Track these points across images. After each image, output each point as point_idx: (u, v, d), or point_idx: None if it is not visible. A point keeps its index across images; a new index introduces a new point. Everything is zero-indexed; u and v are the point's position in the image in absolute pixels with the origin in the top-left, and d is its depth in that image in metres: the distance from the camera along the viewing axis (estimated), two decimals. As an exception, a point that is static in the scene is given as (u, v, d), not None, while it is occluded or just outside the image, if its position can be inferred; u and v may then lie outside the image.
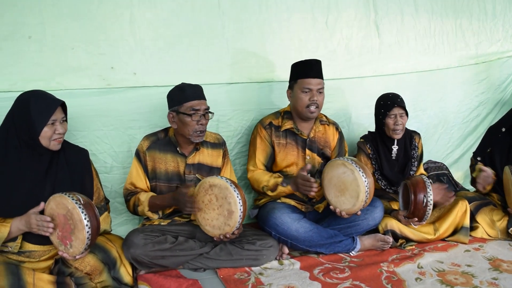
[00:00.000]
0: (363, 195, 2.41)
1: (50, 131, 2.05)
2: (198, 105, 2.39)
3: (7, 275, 1.90)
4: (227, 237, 2.29)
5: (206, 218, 2.31)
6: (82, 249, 1.97)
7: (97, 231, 2.00)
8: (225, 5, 2.93)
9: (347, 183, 2.45)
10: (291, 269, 2.45)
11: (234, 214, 2.22)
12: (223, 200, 2.24)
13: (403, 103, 2.90)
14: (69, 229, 1.97)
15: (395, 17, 3.57)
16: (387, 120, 2.89)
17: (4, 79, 2.46)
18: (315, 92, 2.68)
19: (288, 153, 2.78)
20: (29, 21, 2.48)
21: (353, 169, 2.42)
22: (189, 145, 2.52)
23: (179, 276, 2.31)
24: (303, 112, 2.73)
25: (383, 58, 3.54)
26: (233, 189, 2.22)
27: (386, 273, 2.40)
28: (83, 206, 1.94)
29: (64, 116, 2.13)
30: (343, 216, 2.51)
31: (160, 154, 2.49)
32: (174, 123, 2.44)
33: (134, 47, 2.71)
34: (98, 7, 2.60)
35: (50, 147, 2.08)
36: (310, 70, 2.69)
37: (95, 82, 2.64)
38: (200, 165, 2.55)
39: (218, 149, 2.63)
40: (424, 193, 2.63)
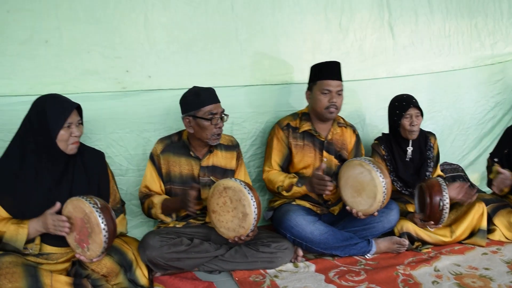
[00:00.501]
0: (381, 196, 2.38)
1: (66, 134, 2.06)
2: (215, 108, 2.40)
3: (26, 276, 1.92)
4: (242, 239, 2.29)
5: (221, 220, 2.32)
6: (99, 252, 1.99)
7: (114, 234, 2.02)
8: (238, 8, 2.94)
9: (364, 183, 2.43)
10: (306, 271, 2.44)
11: (249, 216, 2.22)
12: (237, 203, 2.24)
13: (418, 104, 2.88)
14: (86, 233, 1.99)
15: (409, 18, 3.55)
16: (403, 121, 2.86)
17: (22, 83, 2.49)
18: (335, 93, 2.67)
19: (305, 155, 2.77)
20: (46, 26, 2.52)
21: (370, 169, 2.39)
22: (203, 148, 2.53)
23: (195, 279, 2.32)
24: (322, 114, 2.72)
25: (397, 59, 3.52)
26: (247, 192, 2.22)
27: (402, 276, 2.37)
28: (100, 210, 1.95)
29: (79, 119, 2.15)
30: (359, 217, 2.49)
31: (174, 157, 2.50)
32: (191, 128, 2.44)
33: (149, 50, 2.73)
34: (114, 11, 2.63)
35: (67, 151, 2.10)
36: (330, 72, 2.69)
37: (111, 85, 2.66)
38: (214, 167, 2.56)
39: (232, 151, 2.64)
40: (440, 196, 2.59)
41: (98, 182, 2.25)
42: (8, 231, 2.00)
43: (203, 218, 2.55)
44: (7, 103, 2.47)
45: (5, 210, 2.05)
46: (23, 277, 1.92)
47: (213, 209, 2.33)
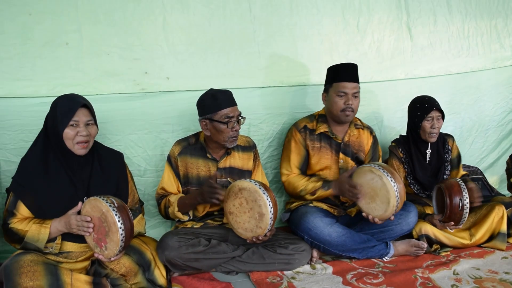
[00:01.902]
0: (394, 200, 2.37)
1: (71, 133, 2.07)
2: (232, 112, 2.40)
3: (46, 275, 1.95)
4: (259, 239, 2.30)
5: (238, 221, 2.33)
6: (117, 251, 2.00)
7: (131, 234, 2.03)
8: (256, 10, 2.95)
9: (376, 189, 2.42)
10: (324, 273, 2.43)
11: (265, 216, 2.22)
12: (253, 203, 2.25)
13: (440, 106, 2.85)
14: (104, 232, 2.01)
15: (428, 19, 3.53)
16: (424, 123, 2.84)
17: (44, 84, 2.53)
18: (351, 96, 2.66)
19: (322, 157, 2.76)
20: (66, 28, 2.55)
21: (381, 175, 2.38)
22: (220, 150, 2.54)
23: (212, 279, 2.33)
24: (338, 116, 2.72)
25: (416, 60, 3.50)
26: (262, 192, 2.22)
27: (421, 279, 2.35)
28: (116, 209, 1.97)
29: (90, 119, 2.14)
30: (376, 223, 2.48)
31: (191, 159, 2.52)
32: (208, 130, 2.45)
33: (167, 52, 2.75)
34: (133, 13, 2.66)
35: (74, 151, 2.10)
36: (346, 74, 2.68)
37: (130, 86, 2.69)
38: (231, 168, 2.56)
39: (249, 152, 2.64)
40: (460, 196, 2.57)
41: (116, 183, 2.27)
42: (30, 231, 2.03)
43: (221, 219, 2.56)
44: (28, 104, 2.51)
45: (27, 209, 2.07)
46: (44, 275, 1.94)
47: (229, 210, 2.34)
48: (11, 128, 2.50)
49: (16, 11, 2.46)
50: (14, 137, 2.51)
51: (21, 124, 2.51)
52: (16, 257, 1.98)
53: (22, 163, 2.13)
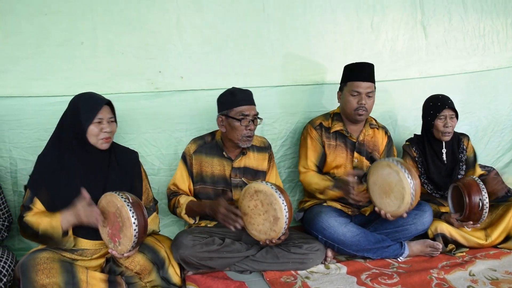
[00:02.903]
0: (409, 197, 2.34)
1: (96, 129, 2.11)
2: (247, 110, 2.40)
3: (62, 272, 1.97)
4: (273, 242, 2.28)
5: (252, 223, 2.32)
6: (130, 247, 2.01)
7: (144, 230, 2.04)
8: (270, 9, 2.94)
9: (392, 184, 2.39)
10: (338, 273, 2.42)
11: (280, 220, 2.21)
12: (268, 206, 2.23)
13: (453, 105, 2.82)
14: (118, 227, 2.02)
15: (443, 17, 3.49)
16: (437, 122, 2.81)
17: (59, 83, 2.55)
18: (364, 95, 2.65)
19: (338, 155, 2.75)
20: (82, 28, 2.57)
21: (398, 170, 2.35)
22: (235, 149, 2.53)
23: (226, 278, 2.33)
24: (351, 115, 2.71)
25: (430, 59, 3.47)
26: (278, 195, 2.20)
27: (436, 280, 2.33)
28: (131, 205, 1.98)
29: (112, 116, 2.19)
30: (388, 219, 2.45)
31: (206, 158, 2.52)
32: (223, 127, 2.46)
33: (181, 51, 2.76)
34: (147, 13, 2.67)
35: (98, 146, 2.14)
36: (360, 73, 2.66)
37: (144, 86, 2.70)
38: (246, 168, 2.56)
39: (264, 152, 2.63)
40: (479, 195, 2.55)
41: (131, 180, 2.29)
42: (43, 224, 2.03)
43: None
44: (44, 103, 2.54)
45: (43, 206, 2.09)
46: (60, 272, 1.96)
47: (244, 211, 2.33)
48: (27, 127, 2.53)
49: (32, 12, 2.49)
50: (29, 135, 2.54)
51: (36, 123, 2.54)
52: (32, 254, 2.01)
53: (39, 161, 2.15)
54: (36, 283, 1.90)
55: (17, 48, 2.49)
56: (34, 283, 1.90)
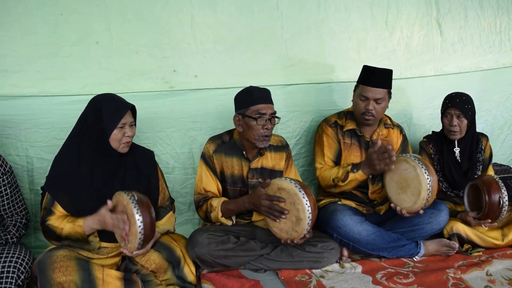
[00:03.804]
0: (425, 193, 2.31)
1: (119, 134, 2.11)
2: (264, 109, 2.36)
3: (79, 270, 1.98)
4: (294, 242, 2.24)
5: (274, 220, 2.28)
6: (137, 244, 1.99)
7: (150, 227, 2.01)
8: (283, 6, 2.93)
9: (408, 180, 2.36)
10: (353, 272, 2.41)
11: (302, 221, 2.16)
12: (291, 206, 2.19)
13: (463, 104, 2.76)
14: None
15: (458, 14, 3.45)
16: (444, 120, 2.82)
17: (74, 83, 2.57)
18: (372, 101, 2.60)
19: (352, 153, 2.73)
20: (96, 27, 2.59)
21: (415, 166, 2.33)
22: (253, 149, 2.50)
23: (241, 277, 2.33)
24: (359, 118, 2.70)
25: (446, 56, 3.42)
26: (302, 195, 2.14)
27: (452, 279, 2.31)
28: (136, 202, 1.97)
29: (133, 120, 2.19)
30: (403, 215, 2.43)
31: (226, 158, 2.49)
32: (240, 126, 2.43)
33: (195, 50, 2.76)
34: (161, 12, 2.68)
35: (119, 150, 2.15)
36: (371, 79, 2.61)
37: (158, 85, 2.71)
38: (262, 169, 2.53)
39: (281, 152, 2.61)
40: (499, 194, 2.53)
41: (148, 180, 2.30)
42: (65, 229, 2.05)
43: (250, 217, 2.55)
44: (59, 103, 2.56)
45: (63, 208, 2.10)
46: (76, 270, 1.97)
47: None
48: (42, 126, 2.55)
49: (48, 12, 2.52)
50: (46, 135, 2.56)
51: (52, 122, 2.55)
52: (49, 252, 2.03)
53: (56, 162, 2.16)
54: (53, 281, 1.91)
55: (33, 47, 2.51)
56: (51, 281, 1.91)
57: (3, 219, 2.26)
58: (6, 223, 2.25)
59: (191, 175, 2.82)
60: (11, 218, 2.27)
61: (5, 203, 2.22)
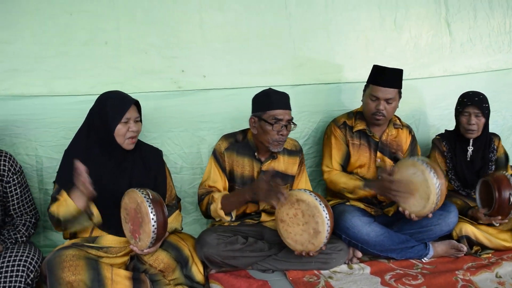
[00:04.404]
0: (434, 197, 2.30)
1: (123, 129, 2.13)
2: (281, 114, 2.33)
3: (88, 269, 1.99)
4: (309, 255, 2.24)
5: (289, 231, 2.27)
6: (149, 243, 2.01)
7: (163, 227, 2.03)
8: (291, 6, 2.93)
9: (417, 184, 2.35)
10: (361, 273, 2.40)
11: (321, 234, 2.16)
12: (309, 218, 2.18)
13: (481, 103, 2.76)
14: (138, 223, 2.04)
15: (467, 14, 3.42)
16: (461, 118, 2.79)
17: (84, 82, 2.59)
18: (382, 101, 2.60)
19: (361, 154, 2.72)
20: (105, 27, 2.60)
21: (423, 170, 2.31)
22: (266, 151, 2.49)
23: (249, 277, 2.32)
24: (369, 118, 2.69)
25: (455, 57, 3.40)
26: (322, 208, 2.14)
27: (462, 281, 2.29)
28: (151, 201, 1.99)
29: (138, 116, 2.21)
30: (412, 219, 2.42)
31: (237, 157, 2.48)
32: (255, 128, 2.41)
33: (204, 50, 2.76)
34: (170, 12, 2.68)
35: (124, 146, 2.16)
36: (381, 78, 2.61)
37: (167, 85, 2.72)
38: (275, 172, 2.50)
39: (295, 156, 2.59)
40: (510, 190, 2.50)
41: (155, 178, 2.31)
42: (61, 210, 2.05)
43: (258, 218, 2.55)
44: (68, 102, 2.57)
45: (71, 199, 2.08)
46: (85, 270, 1.98)
47: (281, 218, 2.28)
48: (52, 125, 2.57)
49: (58, 11, 2.53)
50: (55, 134, 2.57)
51: (61, 121, 2.57)
52: (58, 251, 2.04)
53: (66, 156, 2.18)
54: (62, 280, 1.92)
55: (43, 47, 2.53)
56: (60, 280, 1.92)
57: (12, 218, 2.27)
58: (15, 222, 2.26)
59: (199, 175, 2.82)
60: (20, 217, 2.28)
61: (15, 202, 2.23)
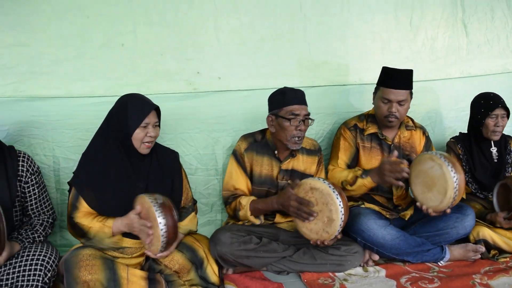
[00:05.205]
0: (451, 192, 2.25)
1: (142, 133, 2.13)
2: (298, 110, 2.35)
3: (104, 269, 2.01)
4: (324, 244, 2.23)
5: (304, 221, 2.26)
6: (160, 247, 2.01)
7: (173, 230, 2.03)
8: (307, 8, 2.93)
9: (434, 178, 2.31)
10: (376, 276, 2.38)
11: (335, 222, 2.14)
12: (323, 206, 2.17)
13: (506, 104, 2.74)
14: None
15: (485, 15, 3.38)
16: (487, 121, 2.74)
17: (100, 84, 2.62)
18: (395, 103, 2.57)
19: (373, 157, 2.70)
20: (122, 30, 2.63)
21: (441, 164, 2.27)
22: (285, 150, 2.50)
23: (264, 279, 2.32)
24: (381, 121, 2.66)
25: (471, 58, 3.36)
26: (335, 196, 2.13)
27: (479, 285, 2.26)
28: (158, 205, 1.99)
29: (157, 121, 2.21)
30: (430, 214, 2.37)
31: (257, 157, 2.49)
32: (273, 127, 2.43)
33: (218, 52, 2.78)
34: (186, 14, 2.71)
35: (140, 150, 2.16)
36: (392, 81, 2.58)
37: (182, 86, 2.74)
38: (293, 171, 2.52)
39: (314, 156, 2.60)
40: None
41: (172, 180, 2.32)
42: (94, 228, 2.08)
43: (273, 218, 2.55)
44: (85, 104, 2.61)
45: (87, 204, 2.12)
46: (102, 269, 2.01)
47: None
48: (69, 127, 2.60)
49: (75, 15, 2.57)
50: (72, 135, 2.61)
51: (78, 123, 2.60)
52: (75, 251, 2.06)
53: (83, 158, 2.20)
54: (79, 279, 1.94)
55: (60, 50, 2.57)
56: (77, 279, 1.95)
57: (30, 218, 2.30)
58: (33, 222, 2.28)
59: (213, 176, 2.84)
60: (38, 217, 2.31)
61: (33, 202, 2.26)
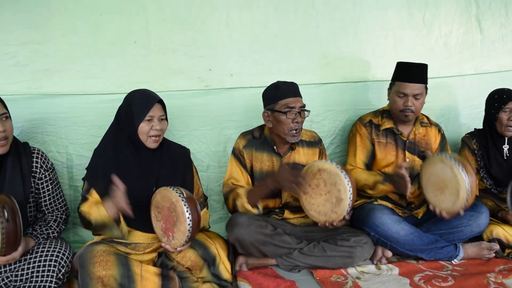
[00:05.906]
0: (464, 193, 2.24)
1: (147, 127, 2.14)
2: (293, 102, 2.35)
3: (118, 265, 2.02)
4: (333, 225, 2.22)
5: (312, 203, 2.26)
6: (183, 241, 2.03)
7: (197, 225, 2.04)
8: (319, 5, 2.92)
9: (446, 180, 2.30)
10: (390, 274, 2.37)
11: (343, 202, 2.14)
12: (331, 187, 2.17)
13: None
14: (172, 221, 2.04)
15: (499, 11, 3.34)
16: (501, 115, 2.71)
17: (112, 81, 2.63)
18: (411, 97, 2.56)
19: (388, 153, 2.69)
20: (134, 27, 2.64)
21: (452, 166, 2.26)
22: (284, 145, 2.50)
23: (277, 276, 2.32)
24: (397, 115, 2.65)
25: (486, 55, 3.33)
26: (343, 176, 2.13)
27: (493, 284, 2.23)
28: (185, 199, 1.99)
29: (163, 114, 2.21)
30: (444, 217, 2.36)
31: (256, 153, 2.49)
32: (269, 122, 2.43)
33: (231, 49, 2.78)
34: (198, 11, 2.71)
35: (147, 144, 2.17)
36: (408, 74, 2.58)
37: (194, 83, 2.74)
38: (295, 164, 2.51)
39: (314, 147, 2.60)
40: None
41: (183, 176, 2.32)
42: (93, 212, 2.07)
43: (282, 214, 2.55)
44: (97, 101, 2.62)
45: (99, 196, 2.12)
46: (116, 265, 2.01)
47: (304, 190, 2.26)
48: (82, 124, 2.62)
49: (88, 12, 2.58)
50: (84, 132, 2.62)
51: (91, 120, 2.61)
52: (89, 247, 2.08)
53: (95, 154, 2.22)
54: (93, 275, 1.95)
55: (74, 47, 2.58)
56: (91, 275, 1.96)
57: (44, 214, 2.32)
58: (47, 218, 2.30)
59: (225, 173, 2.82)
60: (52, 213, 2.32)
61: (47, 199, 2.28)
